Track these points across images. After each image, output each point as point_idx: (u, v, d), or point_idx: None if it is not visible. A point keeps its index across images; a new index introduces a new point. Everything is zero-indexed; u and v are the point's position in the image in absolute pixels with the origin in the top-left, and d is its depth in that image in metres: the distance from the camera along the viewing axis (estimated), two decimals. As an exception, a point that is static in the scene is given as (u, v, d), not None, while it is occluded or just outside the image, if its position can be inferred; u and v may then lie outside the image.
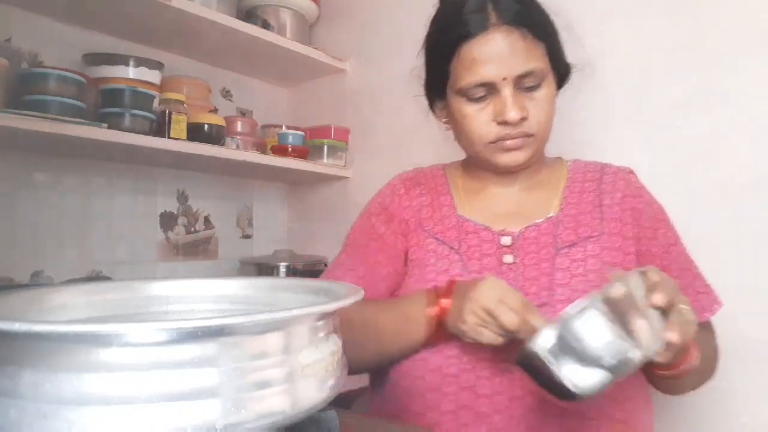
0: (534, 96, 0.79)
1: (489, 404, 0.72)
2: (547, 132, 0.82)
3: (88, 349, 0.33)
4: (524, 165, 0.83)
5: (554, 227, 0.81)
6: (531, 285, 0.77)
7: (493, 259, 0.80)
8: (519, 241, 0.81)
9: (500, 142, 0.80)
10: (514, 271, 0.79)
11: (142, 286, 0.58)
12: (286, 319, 0.39)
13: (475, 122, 0.81)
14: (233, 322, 0.36)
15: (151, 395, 0.33)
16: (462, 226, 0.85)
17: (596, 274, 0.76)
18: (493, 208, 0.86)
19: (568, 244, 0.79)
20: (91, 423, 0.33)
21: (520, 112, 0.77)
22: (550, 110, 0.81)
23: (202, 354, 0.35)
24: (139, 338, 0.34)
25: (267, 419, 0.37)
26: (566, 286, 0.75)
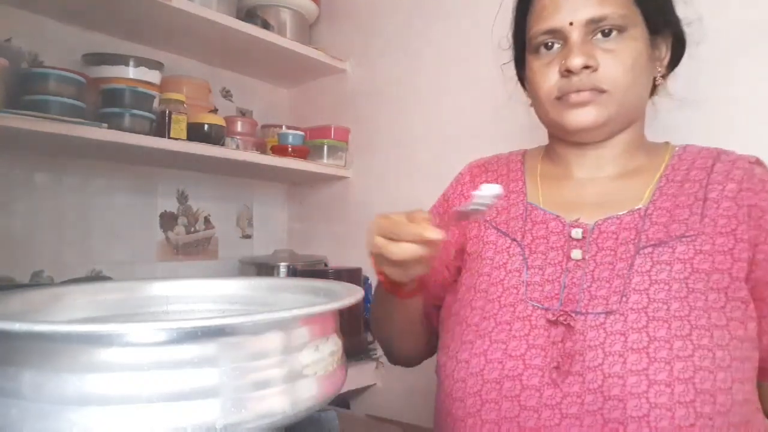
0: (610, 47, 0.68)
1: (535, 419, 0.62)
2: (628, 92, 0.69)
3: (89, 349, 0.34)
4: (597, 127, 0.70)
5: (640, 221, 0.68)
6: (600, 287, 0.65)
7: (559, 253, 0.70)
8: (593, 234, 0.69)
9: (565, 97, 0.70)
10: (583, 269, 0.67)
11: (142, 286, 0.58)
12: (286, 320, 0.39)
13: (542, 76, 0.72)
14: (233, 323, 0.36)
15: (152, 395, 0.33)
16: (530, 216, 0.74)
17: (682, 284, 0.62)
18: (571, 195, 0.75)
19: (653, 243, 0.66)
20: (92, 423, 0.33)
21: (585, 59, 0.67)
22: (631, 66, 0.68)
23: (202, 354, 0.35)
24: (140, 338, 0.34)
25: (267, 419, 0.37)
26: (643, 293, 0.63)
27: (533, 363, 0.64)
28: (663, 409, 0.57)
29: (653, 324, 0.61)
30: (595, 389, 0.60)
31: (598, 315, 0.63)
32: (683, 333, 0.60)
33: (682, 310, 0.61)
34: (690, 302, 0.61)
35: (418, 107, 1.52)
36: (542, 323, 0.66)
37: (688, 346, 0.59)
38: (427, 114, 1.50)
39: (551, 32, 0.71)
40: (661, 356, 0.59)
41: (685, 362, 0.58)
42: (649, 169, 0.73)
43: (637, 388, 0.58)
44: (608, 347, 0.61)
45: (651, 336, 0.60)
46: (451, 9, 1.47)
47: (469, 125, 1.40)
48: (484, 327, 0.69)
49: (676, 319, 0.60)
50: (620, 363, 0.60)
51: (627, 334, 0.61)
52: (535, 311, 0.67)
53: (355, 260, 1.57)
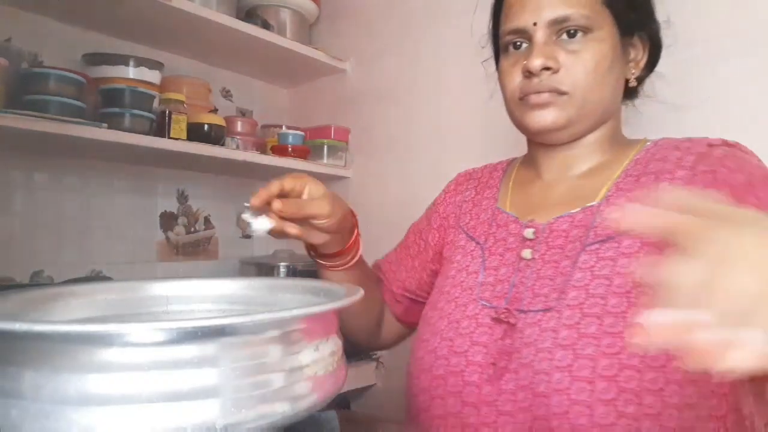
0: (574, 48, 0.68)
1: (475, 415, 0.63)
2: (590, 94, 0.68)
3: (89, 349, 0.34)
4: (558, 129, 0.70)
5: (591, 218, 0.67)
6: (543, 285, 0.65)
7: (513, 254, 0.71)
8: (544, 233, 0.69)
9: (526, 98, 0.70)
10: (531, 267, 0.68)
11: (142, 287, 0.58)
12: (286, 320, 0.39)
13: (507, 76, 0.72)
14: (233, 322, 0.36)
15: (152, 395, 0.33)
16: (495, 219, 0.76)
17: (626, 278, 0.61)
18: (538, 197, 0.75)
19: (600, 239, 0.64)
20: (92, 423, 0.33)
21: (545, 60, 0.67)
22: (593, 68, 0.68)
23: (202, 354, 0.35)
24: (140, 338, 0.34)
25: (267, 419, 0.37)
26: (582, 290, 0.62)
27: (475, 360, 0.65)
28: (582, 406, 0.56)
29: (585, 320, 0.59)
30: (525, 386, 0.60)
31: (537, 312, 0.63)
32: (615, 330, 0.58)
33: (620, 306, 0.59)
34: (631, 297, 0.59)
35: (418, 107, 1.52)
36: (487, 321, 0.67)
37: (617, 343, 0.57)
38: (427, 114, 1.50)
39: (517, 32, 0.71)
40: (586, 353, 0.58)
41: (610, 359, 0.57)
42: (613, 165, 0.72)
43: (560, 384, 0.58)
44: (540, 344, 0.61)
45: (581, 332, 0.59)
46: (450, 9, 1.47)
47: (469, 125, 1.40)
48: (437, 325, 0.71)
49: (610, 315, 0.59)
50: (548, 360, 0.59)
51: (558, 331, 0.60)
52: (483, 310, 0.68)
53: (355, 260, 1.57)
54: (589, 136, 0.73)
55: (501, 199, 0.79)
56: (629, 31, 0.72)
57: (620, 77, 0.72)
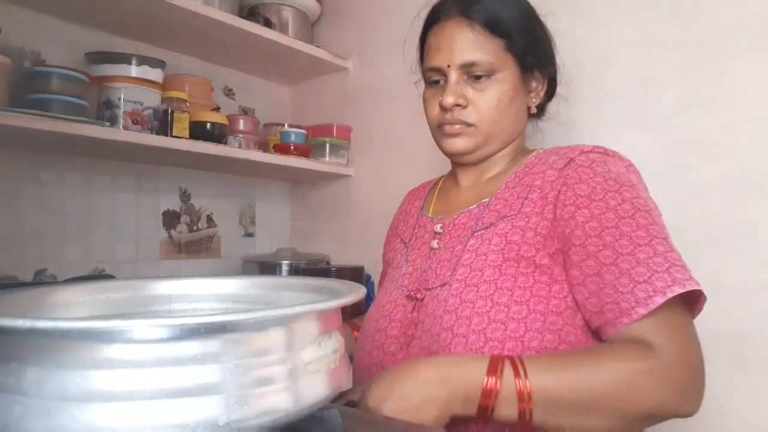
0: (480, 87, 0.82)
1: None
2: (494, 125, 0.83)
3: (91, 346, 0.34)
4: (467, 153, 0.85)
5: (482, 211, 0.82)
6: (443, 267, 0.80)
7: (426, 247, 0.86)
8: (449, 227, 0.84)
9: (442, 127, 0.85)
10: (437, 255, 0.83)
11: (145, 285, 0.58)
12: (289, 317, 0.39)
13: (429, 106, 0.88)
14: (235, 319, 0.36)
15: (154, 391, 0.34)
16: (418, 222, 0.93)
17: (498, 254, 0.75)
18: (453, 201, 0.90)
19: (485, 226, 0.79)
20: (94, 419, 0.33)
21: (455, 98, 0.82)
22: (496, 104, 0.82)
23: (205, 351, 0.35)
24: (143, 335, 0.34)
25: (269, 416, 0.37)
26: (467, 267, 0.76)
27: (391, 333, 0.80)
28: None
29: (467, 290, 0.74)
30: (425, 347, 0.74)
31: (436, 288, 0.78)
32: (487, 294, 0.72)
33: (493, 275, 0.73)
34: (502, 269, 0.73)
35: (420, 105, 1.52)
36: (403, 301, 0.82)
37: (488, 304, 0.71)
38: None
39: (434, 70, 0.85)
40: (464, 314, 0.72)
41: (481, 317, 0.71)
42: (510, 170, 0.86)
43: (444, 341, 0.72)
44: (436, 312, 0.75)
45: (462, 299, 0.73)
46: (453, 7, 1.47)
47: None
48: (371, 312, 0.87)
49: (485, 283, 0.73)
50: (439, 324, 0.74)
51: (447, 300, 0.75)
52: (402, 294, 0.84)
53: (357, 258, 1.57)
54: (497, 156, 0.88)
55: (426, 206, 0.96)
56: (529, 68, 0.86)
57: (522, 106, 0.87)
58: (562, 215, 0.73)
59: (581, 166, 0.76)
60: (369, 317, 0.87)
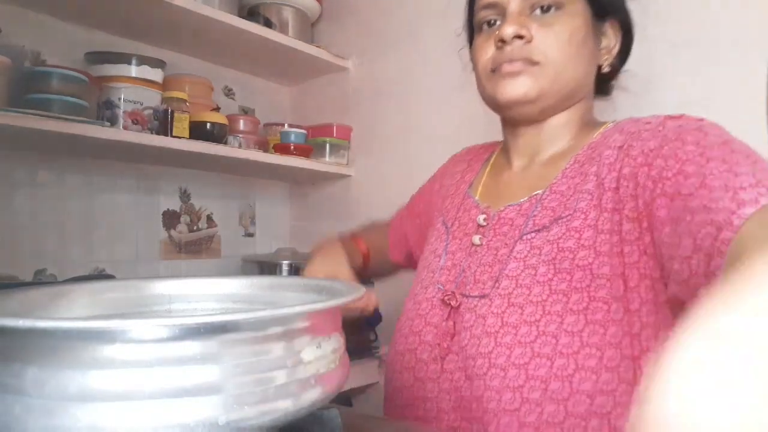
0: (547, 21, 0.68)
1: (423, 390, 0.68)
2: (563, 67, 0.67)
3: (92, 346, 0.34)
4: (528, 102, 0.69)
5: (533, 207, 0.68)
6: (484, 272, 0.67)
7: (468, 239, 0.73)
8: (493, 220, 0.71)
9: (499, 68, 0.69)
10: (478, 254, 0.70)
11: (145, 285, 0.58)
12: (288, 316, 0.39)
13: (480, 50, 0.72)
14: (235, 319, 0.36)
15: (154, 391, 0.34)
16: (463, 204, 0.78)
17: (549, 266, 0.61)
18: (503, 185, 0.76)
19: (537, 228, 0.66)
20: (95, 419, 0.33)
21: (517, 28, 0.67)
22: (566, 40, 0.67)
23: (205, 351, 0.35)
24: (143, 335, 0.34)
25: (269, 416, 0.37)
26: (513, 279, 0.63)
27: (426, 339, 0.69)
28: (493, 392, 0.59)
29: (510, 309, 0.62)
30: (461, 368, 0.64)
31: (475, 298, 0.66)
32: (533, 319, 0.60)
33: (542, 294, 0.60)
34: (553, 285, 0.60)
35: (421, 105, 1.52)
36: (439, 303, 0.71)
37: (533, 331, 0.59)
38: (429, 112, 1.50)
39: (491, 6, 0.71)
40: (505, 341, 0.60)
41: (524, 348, 0.59)
42: (571, 152, 0.71)
43: (480, 369, 0.61)
44: (473, 330, 0.64)
45: (503, 321, 0.62)
46: (453, 6, 1.47)
47: (472, 123, 1.40)
48: (406, 305, 0.77)
49: (531, 304, 0.61)
50: (476, 346, 0.63)
51: (486, 318, 0.63)
52: (438, 292, 0.72)
53: (357, 258, 1.57)
54: (558, 117, 0.72)
55: (474, 184, 0.81)
56: (601, 13, 0.71)
57: (592, 58, 0.72)
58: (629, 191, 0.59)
59: (646, 130, 0.62)
60: (405, 311, 0.77)
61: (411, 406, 0.69)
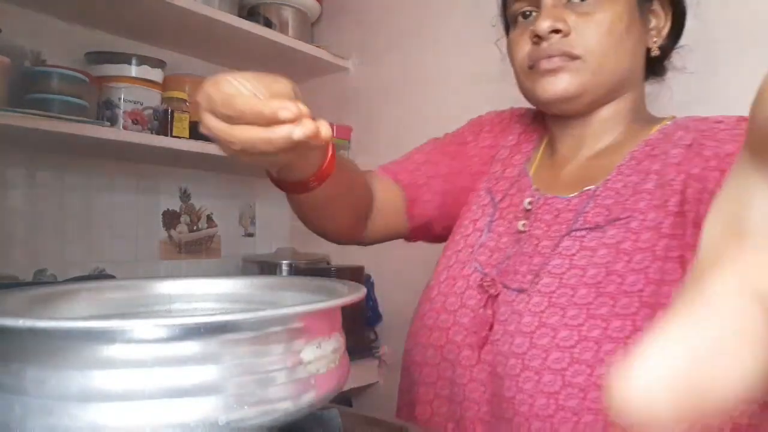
0: (586, 10, 0.63)
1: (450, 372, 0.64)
2: (606, 59, 0.63)
3: (92, 346, 0.34)
4: (571, 98, 0.64)
5: (584, 203, 0.63)
6: (523, 263, 0.63)
7: (514, 223, 0.68)
8: (538, 204, 0.66)
9: (537, 65, 0.64)
10: (522, 241, 0.65)
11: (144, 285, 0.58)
12: (288, 316, 0.39)
13: (516, 46, 0.67)
14: (235, 319, 0.36)
15: (154, 391, 0.34)
16: (519, 180, 0.72)
17: (601, 268, 0.57)
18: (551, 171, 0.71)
19: (588, 227, 0.61)
20: (95, 419, 0.33)
21: (553, 22, 0.62)
22: (607, 30, 0.62)
23: (205, 350, 0.35)
24: (143, 335, 0.34)
25: (269, 416, 0.37)
26: (556, 277, 0.59)
27: (461, 321, 0.65)
28: (525, 395, 0.57)
29: (549, 310, 0.58)
30: (495, 362, 0.61)
31: (512, 291, 0.62)
32: (575, 322, 0.56)
33: (587, 297, 0.57)
34: (601, 288, 0.57)
35: (421, 105, 1.52)
36: (476, 286, 0.66)
37: (573, 336, 0.56)
38: (429, 112, 1.50)
39: None
40: (541, 343, 0.57)
41: (561, 353, 0.56)
42: (625, 146, 0.66)
43: (512, 370, 0.58)
44: (507, 325, 0.61)
45: (541, 321, 0.58)
46: (454, 5, 1.47)
47: (472, 123, 1.40)
48: (439, 275, 0.71)
49: (575, 306, 0.57)
50: (509, 343, 0.59)
51: (523, 315, 0.59)
52: (474, 273, 0.67)
53: (357, 258, 1.57)
54: (605, 109, 0.68)
55: (531, 160, 0.74)
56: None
57: (639, 44, 0.66)
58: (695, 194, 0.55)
59: (722, 130, 0.58)
60: (437, 281, 0.70)
61: (433, 385, 0.65)
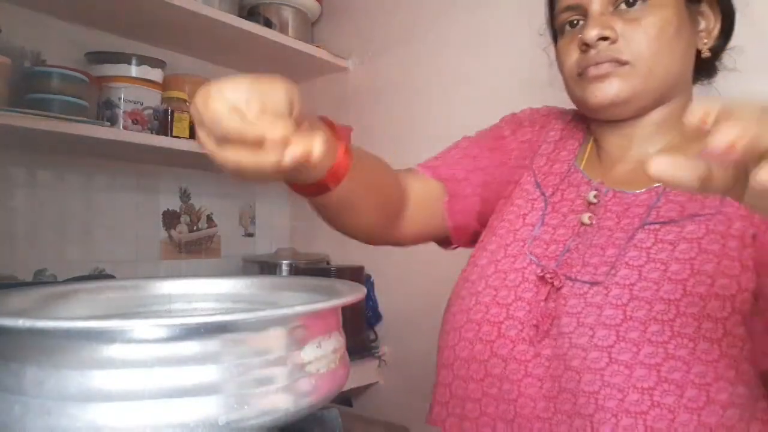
0: (633, 16, 0.64)
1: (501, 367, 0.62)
2: (655, 63, 0.63)
3: (91, 346, 0.34)
4: (621, 104, 0.65)
5: (654, 199, 0.63)
6: (594, 255, 0.62)
7: (575, 217, 0.67)
8: (606, 197, 0.66)
9: (585, 72, 0.65)
10: (589, 234, 0.64)
11: (144, 285, 0.58)
12: (288, 316, 0.39)
13: (565, 54, 0.68)
14: (235, 319, 0.36)
15: (154, 391, 0.34)
16: (569, 176, 0.72)
17: (685, 264, 0.57)
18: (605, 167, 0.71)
19: (662, 221, 0.61)
20: (94, 419, 0.33)
21: (600, 29, 0.63)
22: (656, 35, 0.63)
23: (205, 350, 0.35)
24: (143, 335, 0.34)
25: (269, 416, 0.37)
26: (635, 270, 0.58)
27: (516, 315, 0.63)
28: (615, 390, 0.54)
29: (634, 303, 0.57)
30: (560, 356, 0.58)
31: (584, 284, 0.61)
32: (665, 318, 0.55)
33: (674, 293, 0.56)
34: (688, 286, 0.56)
35: (421, 105, 1.52)
36: (533, 278, 0.64)
37: (666, 331, 0.54)
38: (429, 112, 1.50)
39: (572, 8, 0.68)
40: (630, 337, 0.55)
41: (655, 347, 0.54)
42: (686, 147, 0.64)
43: (596, 363, 0.56)
44: (583, 318, 0.59)
45: (627, 315, 0.57)
46: (453, 6, 1.47)
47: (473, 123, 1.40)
48: (485, 270, 0.69)
49: (662, 301, 0.56)
50: (588, 336, 0.57)
51: (603, 308, 0.58)
52: (530, 265, 0.66)
53: (357, 258, 1.57)
54: (655, 113, 0.68)
55: (579, 156, 0.74)
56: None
57: (689, 47, 0.67)
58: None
59: None
60: (482, 276, 0.69)
61: (481, 381, 0.63)
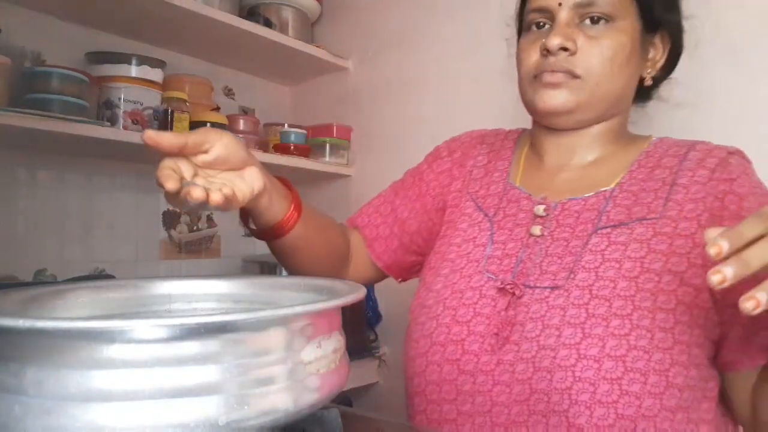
0: (594, 34, 0.68)
1: (471, 383, 0.64)
2: (603, 82, 0.68)
3: (91, 346, 0.34)
4: (564, 113, 0.70)
5: (603, 203, 0.68)
6: (552, 263, 0.66)
7: (523, 229, 0.71)
8: (555, 211, 0.70)
9: (540, 75, 0.70)
10: (540, 245, 0.68)
11: (145, 285, 0.58)
12: (288, 316, 0.39)
13: (525, 53, 0.72)
14: (235, 319, 0.36)
15: (154, 391, 0.34)
16: (507, 194, 0.76)
17: (636, 263, 0.62)
18: (545, 180, 0.76)
19: (612, 224, 0.66)
20: (94, 419, 0.33)
21: (563, 40, 0.67)
22: (610, 57, 0.68)
23: (205, 351, 0.35)
24: (143, 335, 0.34)
25: (269, 416, 0.37)
26: (592, 272, 0.63)
27: (476, 330, 0.66)
28: (586, 383, 0.58)
29: (594, 301, 0.61)
30: (527, 359, 0.61)
31: (545, 289, 0.65)
32: (623, 312, 0.60)
33: (629, 289, 0.61)
34: (639, 283, 0.61)
35: (421, 105, 1.52)
36: (491, 293, 0.68)
37: (626, 324, 0.59)
38: (429, 112, 1.50)
39: (541, 10, 0.71)
40: (595, 332, 0.59)
41: (618, 340, 0.58)
42: (621, 156, 0.73)
43: (566, 361, 0.59)
44: (547, 320, 0.62)
45: (589, 313, 0.61)
46: (453, 5, 1.47)
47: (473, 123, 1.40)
48: (442, 294, 0.72)
49: (619, 298, 0.61)
50: (555, 336, 0.61)
51: (566, 309, 0.62)
52: (487, 282, 0.69)
53: (357, 258, 1.57)
54: (596, 127, 0.73)
55: (512, 173, 0.79)
56: (652, 27, 0.72)
57: (635, 73, 0.73)
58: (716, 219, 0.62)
59: (741, 174, 0.65)
60: (438, 297, 0.72)
61: (453, 401, 0.65)
